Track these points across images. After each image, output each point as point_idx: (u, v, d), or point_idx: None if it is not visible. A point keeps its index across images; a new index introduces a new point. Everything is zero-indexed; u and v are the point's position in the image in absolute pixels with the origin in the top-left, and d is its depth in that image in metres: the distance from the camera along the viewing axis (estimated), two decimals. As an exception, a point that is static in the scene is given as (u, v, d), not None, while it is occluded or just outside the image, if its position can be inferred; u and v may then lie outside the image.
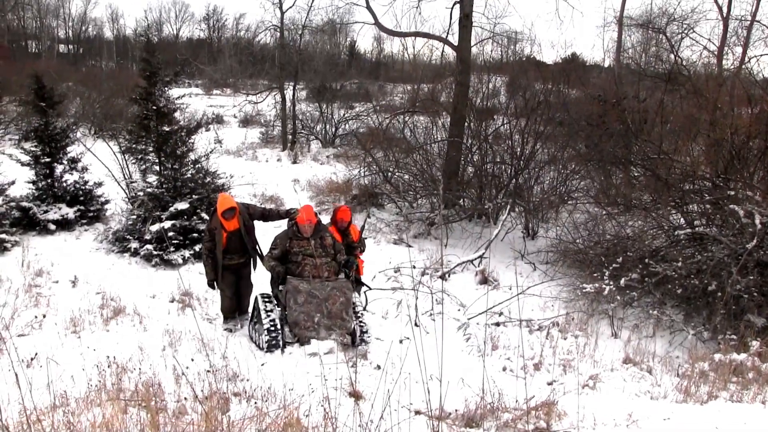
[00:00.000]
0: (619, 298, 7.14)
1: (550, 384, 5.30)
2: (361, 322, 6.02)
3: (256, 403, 4.56)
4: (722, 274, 6.63)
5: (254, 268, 6.76)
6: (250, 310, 6.60)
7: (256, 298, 6.25)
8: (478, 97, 12.80)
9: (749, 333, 6.00)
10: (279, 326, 5.80)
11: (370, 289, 7.12)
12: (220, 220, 6.40)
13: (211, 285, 6.70)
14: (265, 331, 5.77)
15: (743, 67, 15.87)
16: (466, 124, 11.90)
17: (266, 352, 5.71)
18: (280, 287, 6.04)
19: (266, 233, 7.39)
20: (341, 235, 6.75)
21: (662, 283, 7.16)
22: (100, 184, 10.66)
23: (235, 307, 6.75)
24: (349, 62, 39.09)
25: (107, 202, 10.69)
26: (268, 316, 5.88)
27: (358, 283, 6.46)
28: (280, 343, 5.73)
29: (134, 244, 8.85)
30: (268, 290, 6.43)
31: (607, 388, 5.25)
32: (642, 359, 5.97)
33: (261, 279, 6.74)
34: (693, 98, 10.47)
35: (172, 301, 7.36)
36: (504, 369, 5.70)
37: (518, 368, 5.55)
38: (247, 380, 5.01)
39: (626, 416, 4.06)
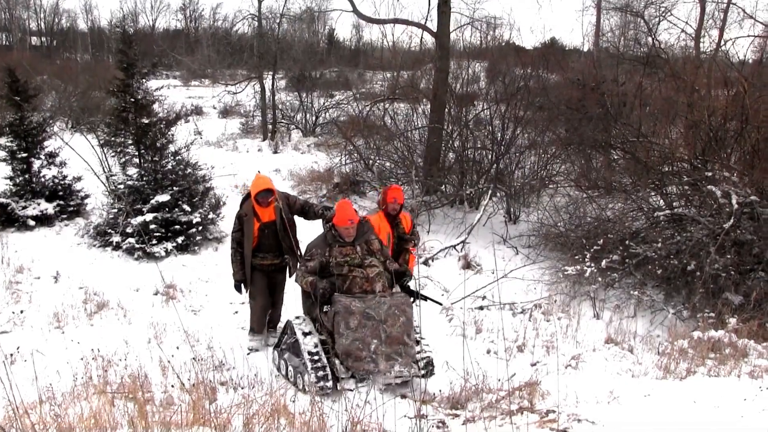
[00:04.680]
0: (600, 279, 7.25)
1: (533, 365, 5.39)
2: (424, 347, 4.99)
3: (243, 388, 4.60)
4: (701, 253, 6.76)
5: (290, 274, 5.66)
6: (279, 329, 5.62)
7: (289, 322, 5.05)
8: (457, 83, 12.80)
9: (726, 310, 6.14)
10: (326, 360, 4.66)
11: (439, 303, 5.65)
12: (253, 205, 5.36)
13: (237, 287, 5.63)
14: (310, 370, 4.59)
15: (720, 49, 16.05)
16: (446, 110, 11.91)
17: (316, 395, 4.37)
18: (325, 308, 4.75)
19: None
20: (391, 223, 5.59)
21: (642, 264, 7.27)
22: (79, 179, 10.52)
23: (266, 321, 5.75)
24: (328, 50, 38.91)
25: (87, 196, 10.56)
26: (311, 349, 4.70)
27: (419, 298, 5.03)
28: (330, 383, 4.57)
29: (116, 238, 8.77)
30: (298, 307, 5.37)
31: (589, 367, 5.36)
32: (623, 339, 6.09)
33: (291, 290, 5.75)
34: (671, 81, 10.56)
35: (156, 294, 7.32)
36: (488, 352, 5.78)
37: (502, 350, 5.63)
38: (233, 368, 5.04)
39: (608, 394, 4.15)
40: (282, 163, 15.73)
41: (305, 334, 4.79)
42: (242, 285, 5.60)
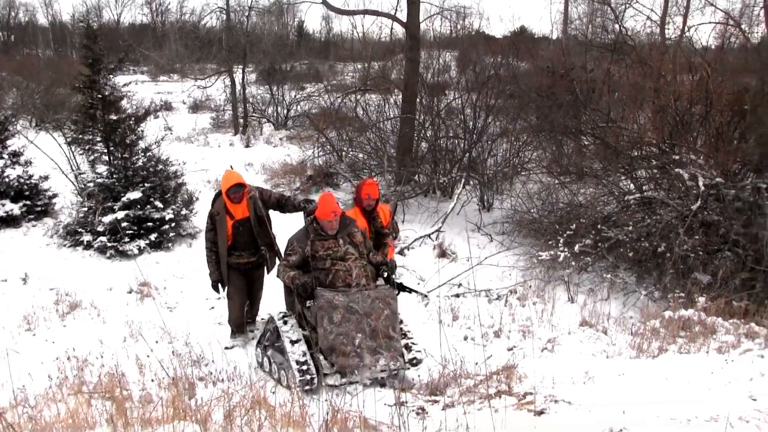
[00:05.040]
0: (574, 264, 7.36)
1: (510, 350, 5.46)
2: (409, 340, 4.90)
3: (222, 382, 4.57)
4: (670, 235, 6.90)
5: (268, 270, 5.59)
6: (259, 326, 5.60)
7: (271, 318, 4.95)
8: (429, 73, 12.85)
9: (696, 290, 6.29)
10: (310, 357, 4.55)
11: (424, 296, 5.71)
12: (226, 202, 5.24)
13: (215, 287, 5.50)
14: (295, 367, 4.48)
15: (684, 36, 16.33)
16: (418, 100, 11.94)
17: (302, 392, 4.31)
18: (308, 303, 4.70)
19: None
20: (367, 218, 5.51)
21: (615, 248, 7.41)
22: (46, 178, 10.30)
23: (245, 319, 5.68)
24: (298, 43, 38.50)
25: (55, 195, 10.34)
26: (294, 345, 4.61)
27: (401, 289, 5.05)
28: (315, 380, 4.46)
29: (87, 237, 8.62)
30: (278, 301, 5.32)
31: (564, 350, 5.45)
32: (597, 321, 6.20)
33: (271, 284, 5.67)
34: (638, 67, 10.76)
35: (131, 292, 7.23)
36: (465, 338, 5.83)
37: (479, 336, 5.69)
38: (212, 362, 5.00)
39: (583, 374, 4.22)
40: (254, 157, 15.61)
41: (293, 342, 4.63)
42: (219, 285, 5.48)
